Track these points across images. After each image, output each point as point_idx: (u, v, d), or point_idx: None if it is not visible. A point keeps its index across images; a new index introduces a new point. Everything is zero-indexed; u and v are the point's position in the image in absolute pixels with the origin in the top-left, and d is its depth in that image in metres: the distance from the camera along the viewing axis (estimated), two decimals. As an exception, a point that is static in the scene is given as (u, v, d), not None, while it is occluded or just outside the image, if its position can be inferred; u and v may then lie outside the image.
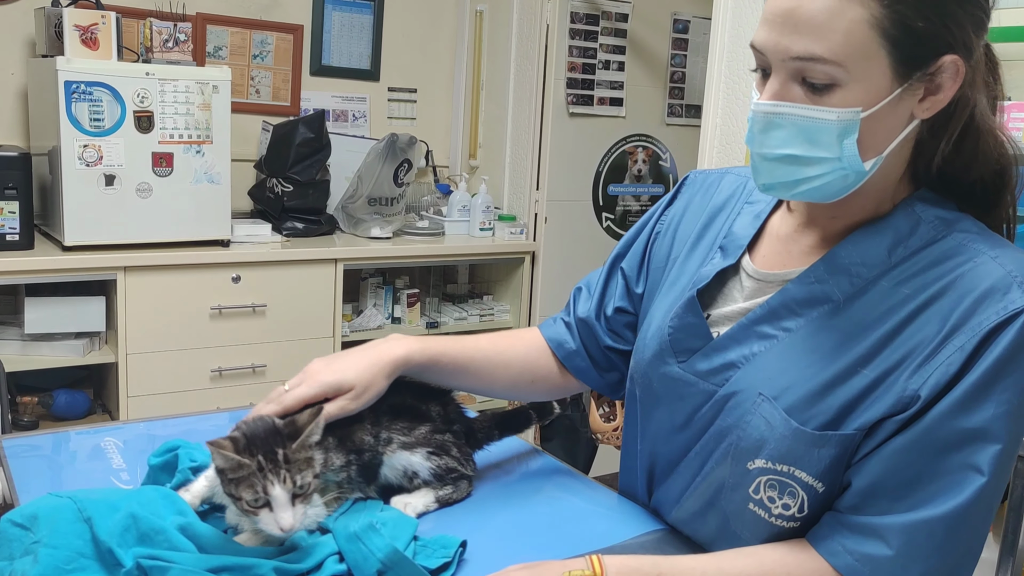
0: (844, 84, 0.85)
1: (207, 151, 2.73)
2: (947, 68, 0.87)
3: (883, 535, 0.87)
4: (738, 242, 1.06)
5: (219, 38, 3.24)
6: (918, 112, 0.90)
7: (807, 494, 0.92)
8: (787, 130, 0.88)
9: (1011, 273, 0.87)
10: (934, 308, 0.88)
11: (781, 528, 0.95)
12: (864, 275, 0.93)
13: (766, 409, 0.93)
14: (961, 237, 0.92)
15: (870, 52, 0.84)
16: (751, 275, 1.03)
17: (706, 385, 1.01)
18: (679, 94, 3.84)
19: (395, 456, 1.10)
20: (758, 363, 0.97)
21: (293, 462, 0.93)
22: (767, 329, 0.97)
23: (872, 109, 0.86)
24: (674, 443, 1.06)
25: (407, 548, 0.96)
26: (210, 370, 2.81)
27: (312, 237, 3.12)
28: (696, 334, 1.04)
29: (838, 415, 0.90)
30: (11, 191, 2.52)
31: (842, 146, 0.87)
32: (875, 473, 0.88)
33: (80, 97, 2.52)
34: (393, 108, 3.67)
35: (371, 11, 3.54)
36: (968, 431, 0.85)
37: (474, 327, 3.49)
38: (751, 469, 0.95)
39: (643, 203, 3.84)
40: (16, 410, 2.65)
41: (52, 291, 2.64)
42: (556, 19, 3.38)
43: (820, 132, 0.87)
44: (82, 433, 1.37)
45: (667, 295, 1.11)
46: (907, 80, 0.86)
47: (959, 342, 0.86)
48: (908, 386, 0.87)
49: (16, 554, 0.91)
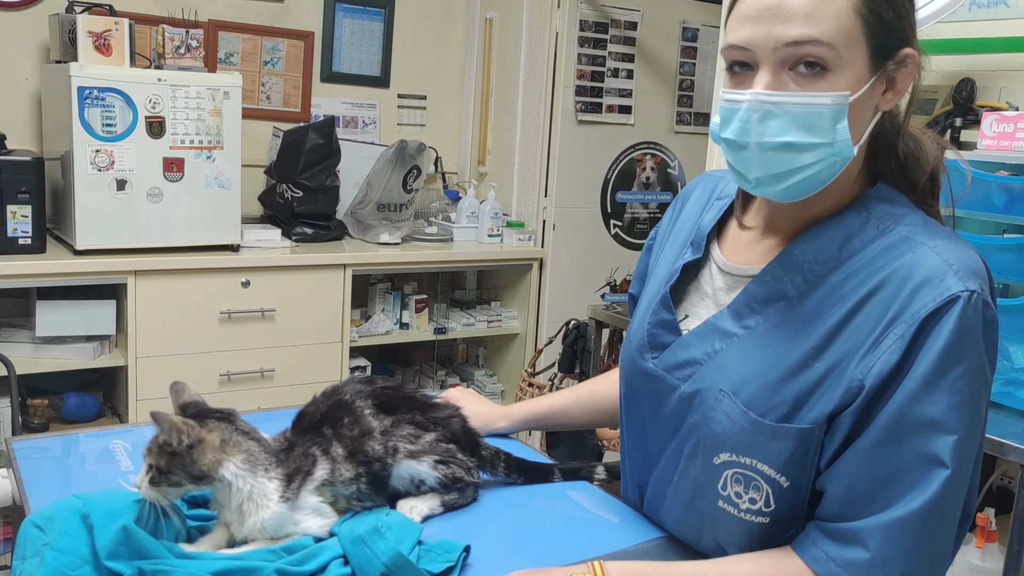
0: (834, 68, 0.89)
1: (218, 156, 2.75)
2: (908, 60, 0.93)
3: (860, 538, 0.89)
4: (702, 234, 1.10)
5: (230, 44, 3.27)
6: (881, 104, 0.95)
7: (771, 487, 0.94)
8: (783, 119, 0.91)
9: (947, 261, 0.90)
10: (876, 299, 0.91)
11: (752, 523, 0.97)
12: (816, 271, 0.96)
13: (727, 404, 0.96)
14: (905, 230, 0.95)
15: (855, 38, 0.90)
16: (722, 268, 1.07)
17: (673, 380, 1.04)
18: (688, 102, 3.84)
19: (401, 465, 1.10)
20: (719, 360, 1.00)
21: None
22: (729, 327, 1.00)
23: (858, 93, 0.91)
24: (653, 440, 1.09)
25: (411, 552, 0.97)
26: (219, 374, 2.82)
27: (321, 242, 3.13)
28: (668, 329, 1.07)
29: (793, 407, 0.93)
30: (24, 195, 2.54)
31: (835, 130, 0.90)
32: (845, 478, 0.91)
33: (93, 102, 2.55)
34: (403, 115, 3.68)
35: (381, 18, 3.56)
36: (925, 423, 0.87)
37: (482, 333, 3.50)
38: (717, 464, 0.97)
39: (651, 210, 3.84)
40: (26, 412, 2.67)
41: (63, 294, 2.65)
42: (565, 27, 3.39)
43: (816, 117, 0.90)
44: (91, 435, 1.38)
45: (648, 291, 1.16)
46: (880, 68, 0.92)
47: (899, 331, 0.88)
48: (854, 376, 0.90)
49: (28, 554, 0.92)
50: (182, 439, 0.95)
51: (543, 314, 3.52)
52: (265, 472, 0.99)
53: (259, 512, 0.98)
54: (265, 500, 0.98)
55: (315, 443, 1.04)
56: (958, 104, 2.16)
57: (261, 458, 0.99)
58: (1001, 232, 1.87)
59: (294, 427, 1.07)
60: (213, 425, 0.99)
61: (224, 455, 0.97)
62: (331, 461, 1.03)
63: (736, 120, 0.92)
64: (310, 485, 1.01)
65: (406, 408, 1.13)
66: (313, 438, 1.04)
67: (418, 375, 3.62)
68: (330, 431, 1.05)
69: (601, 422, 1.43)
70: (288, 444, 1.03)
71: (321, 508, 1.02)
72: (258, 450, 1.00)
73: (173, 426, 0.95)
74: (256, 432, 1.03)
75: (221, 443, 0.98)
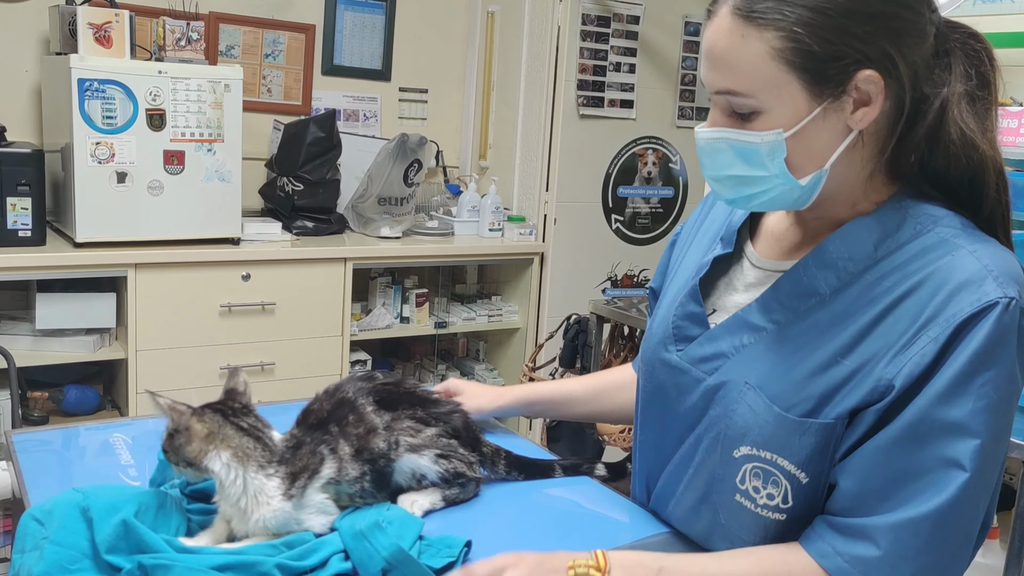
0: (764, 110, 0.91)
1: (218, 149, 2.74)
2: (864, 82, 0.90)
3: (871, 536, 0.88)
4: (733, 229, 1.11)
5: (231, 37, 3.26)
6: (852, 123, 0.93)
7: (790, 484, 0.94)
8: (726, 154, 0.95)
9: (987, 267, 0.89)
10: (911, 300, 0.91)
11: (767, 519, 0.97)
12: (850, 269, 0.96)
13: (751, 397, 0.96)
14: (944, 232, 0.94)
15: (778, 80, 0.89)
16: (754, 264, 1.07)
17: (698, 373, 1.03)
18: (690, 96, 3.83)
19: (402, 459, 1.10)
20: (747, 354, 0.99)
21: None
22: (758, 321, 1.00)
23: (793, 130, 0.91)
24: (669, 433, 1.08)
25: (412, 547, 0.96)
26: (219, 367, 2.82)
27: (322, 236, 3.13)
28: (696, 322, 1.07)
29: (819, 403, 0.92)
30: (24, 187, 2.53)
31: (773, 164, 0.92)
32: (859, 473, 0.90)
33: (93, 95, 2.54)
34: (404, 108, 3.67)
35: (383, 11, 3.55)
36: (948, 425, 0.86)
37: (482, 327, 3.50)
38: (737, 457, 0.97)
39: (652, 205, 3.84)
40: (26, 405, 2.67)
41: (63, 287, 2.65)
42: (567, 21, 3.38)
43: (752, 154, 0.93)
44: (91, 429, 1.38)
45: (675, 285, 1.16)
46: (823, 99, 0.90)
47: (933, 333, 0.88)
48: (883, 375, 0.89)
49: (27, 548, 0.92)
50: (172, 423, 0.97)
51: (544, 309, 3.52)
52: (261, 469, 0.98)
53: (260, 509, 0.97)
54: (266, 498, 0.97)
55: (323, 441, 1.03)
56: (962, 99, 2.16)
57: (255, 455, 0.99)
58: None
59: (300, 425, 1.07)
60: (209, 416, 0.99)
61: (210, 447, 0.97)
62: (338, 460, 1.03)
63: (699, 153, 0.98)
64: (316, 483, 1.01)
65: (407, 404, 1.13)
66: (320, 436, 1.04)
67: (418, 369, 3.62)
68: (336, 429, 1.05)
69: (609, 416, 1.42)
70: (296, 442, 1.03)
71: (326, 505, 1.02)
72: (253, 447, 0.99)
73: (165, 408, 0.97)
74: (261, 430, 1.02)
75: (208, 435, 0.98)
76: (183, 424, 0.97)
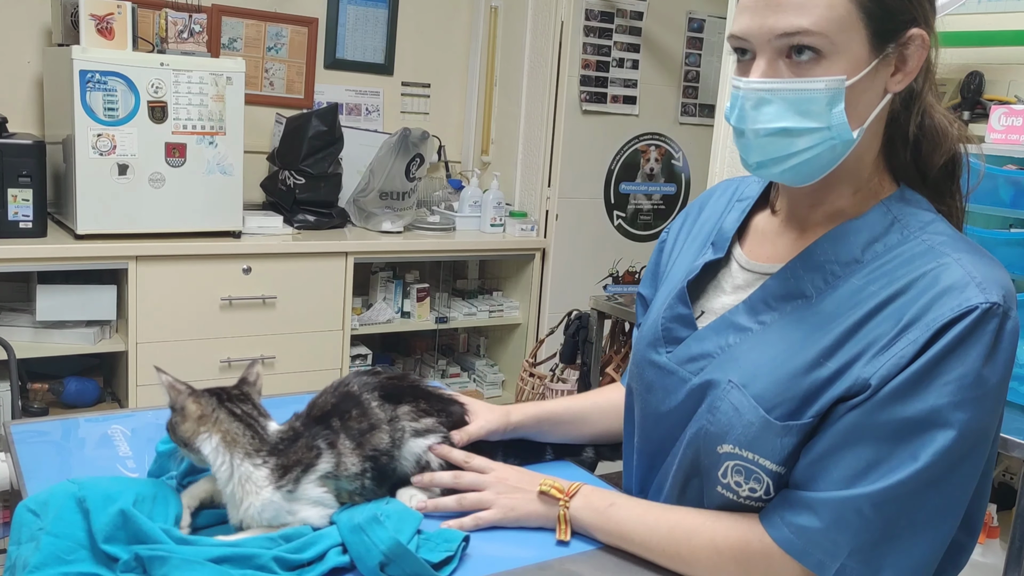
0: (828, 55, 0.90)
1: (220, 142, 2.74)
2: (915, 40, 0.92)
3: (816, 509, 0.91)
4: (725, 235, 1.11)
5: (234, 30, 3.25)
6: (891, 86, 0.95)
7: (772, 479, 0.95)
8: (777, 105, 0.93)
9: (970, 274, 0.90)
10: (895, 305, 0.92)
11: (751, 507, 0.99)
12: (837, 272, 0.97)
13: (735, 395, 0.97)
14: (931, 239, 0.95)
15: (849, 24, 0.90)
16: (743, 266, 1.07)
17: (684, 373, 1.04)
18: (693, 93, 3.82)
19: (407, 446, 1.10)
20: (732, 353, 1.00)
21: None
22: (744, 322, 1.01)
23: (855, 78, 0.91)
24: (659, 433, 1.09)
25: (410, 541, 0.96)
26: (219, 360, 2.82)
27: (323, 230, 3.12)
28: (684, 324, 1.08)
29: (801, 404, 0.93)
30: (25, 179, 2.53)
31: (831, 115, 0.91)
32: (818, 451, 0.92)
33: (95, 86, 2.53)
34: (406, 103, 3.67)
35: (386, 5, 3.54)
36: (906, 419, 0.87)
37: (483, 323, 3.50)
38: (720, 453, 0.98)
39: (654, 202, 3.83)
40: (26, 396, 2.67)
41: (64, 279, 2.65)
42: (571, 16, 3.37)
43: (810, 103, 0.91)
44: (90, 420, 1.38)
45: (665, 288, 1.16)
46: (882, 52, 0.92)
47: (913, 335, 0.89)
48: (861, 374, 0.90)
49: (23, 540, 0.91)
50: (170, 400, 1.01)
51: (545, 304, 3.52)
52: (248, 457, 0.98)
53: (248, 498, 0.98)
54: (253, 487, 0.98)
55: (322, 435, 1.03)
56: (966, 97, 2.15)
57: (243, 442, 0.99)
58: (1007, 227, 1.86)
59: (302, 417, 1.07)
60: (204, 399, 1.01)
61: (201, 428, 0.99)
62: (336, 454, 1.02)
63: (736, 107, 0.95)
64: (311, 476, 1.01)
65: (411, 396, 1.13)
66: (320, 430, 1.04)
67: (419, 364, 3.62)
68: (338, 423, 1.05)
69: (617, 434, 1.34)
70: (294, 434, 1.03)
71: (323, 499, 1.02)
72: (242, 433, 0.99)
73: (166, 385, 1.01)
74: (255, 418, 1.02)
75: (200, 417, 0.99)
76: (179, 403, 1.00)
